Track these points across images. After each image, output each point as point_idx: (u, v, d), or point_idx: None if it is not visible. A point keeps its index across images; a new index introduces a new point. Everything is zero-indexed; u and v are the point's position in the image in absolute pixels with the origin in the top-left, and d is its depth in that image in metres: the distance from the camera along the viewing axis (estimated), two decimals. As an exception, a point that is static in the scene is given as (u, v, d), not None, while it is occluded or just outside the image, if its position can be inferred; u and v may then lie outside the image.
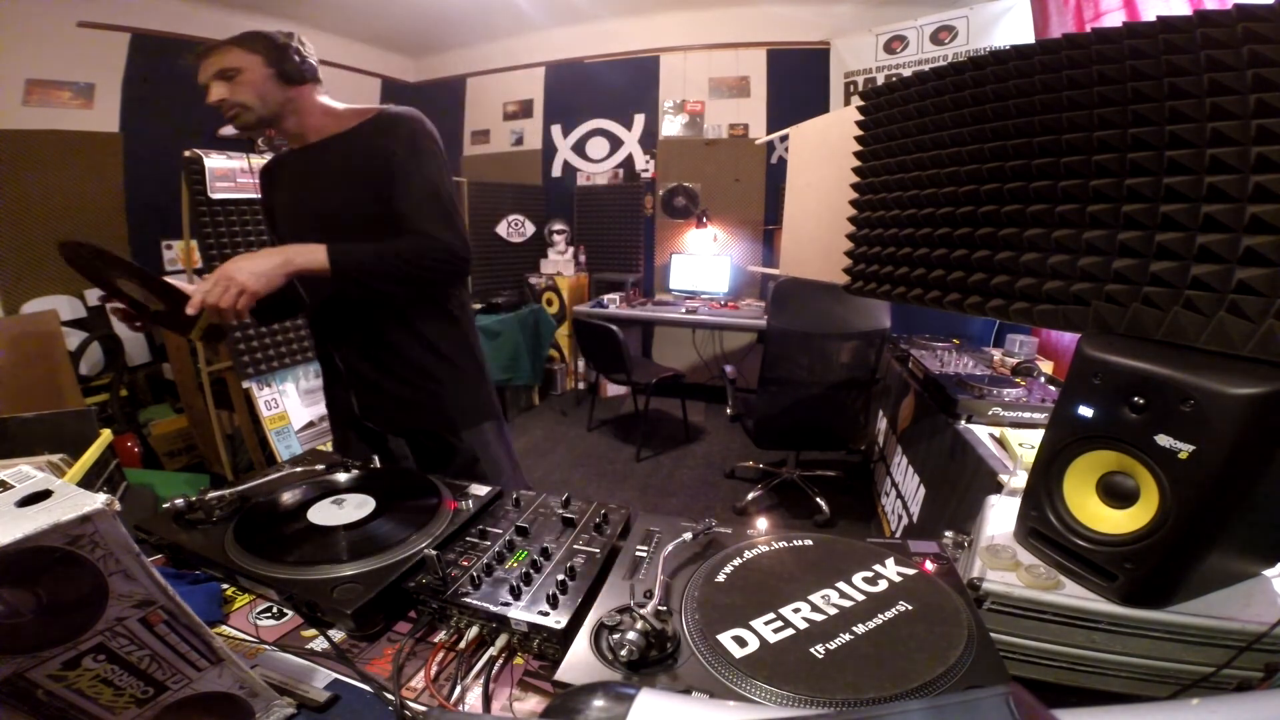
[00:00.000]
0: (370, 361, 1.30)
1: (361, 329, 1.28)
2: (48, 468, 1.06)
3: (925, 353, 2.23)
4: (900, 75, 1.41)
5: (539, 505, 0.92)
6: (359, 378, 1.33)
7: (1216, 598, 0.68)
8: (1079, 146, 0.86)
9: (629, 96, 4.68)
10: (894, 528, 2.17)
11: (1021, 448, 1.37)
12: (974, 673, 0.56)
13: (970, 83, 1.05)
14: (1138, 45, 0.78)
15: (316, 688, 0.62)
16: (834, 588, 0.69)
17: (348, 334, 1.31)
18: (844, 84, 3.91)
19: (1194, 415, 0.61)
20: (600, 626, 0.62)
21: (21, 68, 3.09)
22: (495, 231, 4.65)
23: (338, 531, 0.83)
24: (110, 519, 0.43)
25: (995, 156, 1.01)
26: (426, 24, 4.60)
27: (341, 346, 1.33)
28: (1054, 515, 0.75)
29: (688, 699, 0.47)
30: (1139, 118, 0.78)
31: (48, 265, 3.24)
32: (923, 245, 1.18)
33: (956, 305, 1.09)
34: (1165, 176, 0.75)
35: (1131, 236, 0.79)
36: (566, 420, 4.20)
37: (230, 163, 2.41)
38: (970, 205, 1.06)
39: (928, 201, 1.18)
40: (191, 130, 3.62)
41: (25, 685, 0.43)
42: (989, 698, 0.32)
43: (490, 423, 1.39)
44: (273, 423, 2.54)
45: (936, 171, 1.16)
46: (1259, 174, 0.66)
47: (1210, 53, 0.70)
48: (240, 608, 0.77)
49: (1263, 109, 0.66)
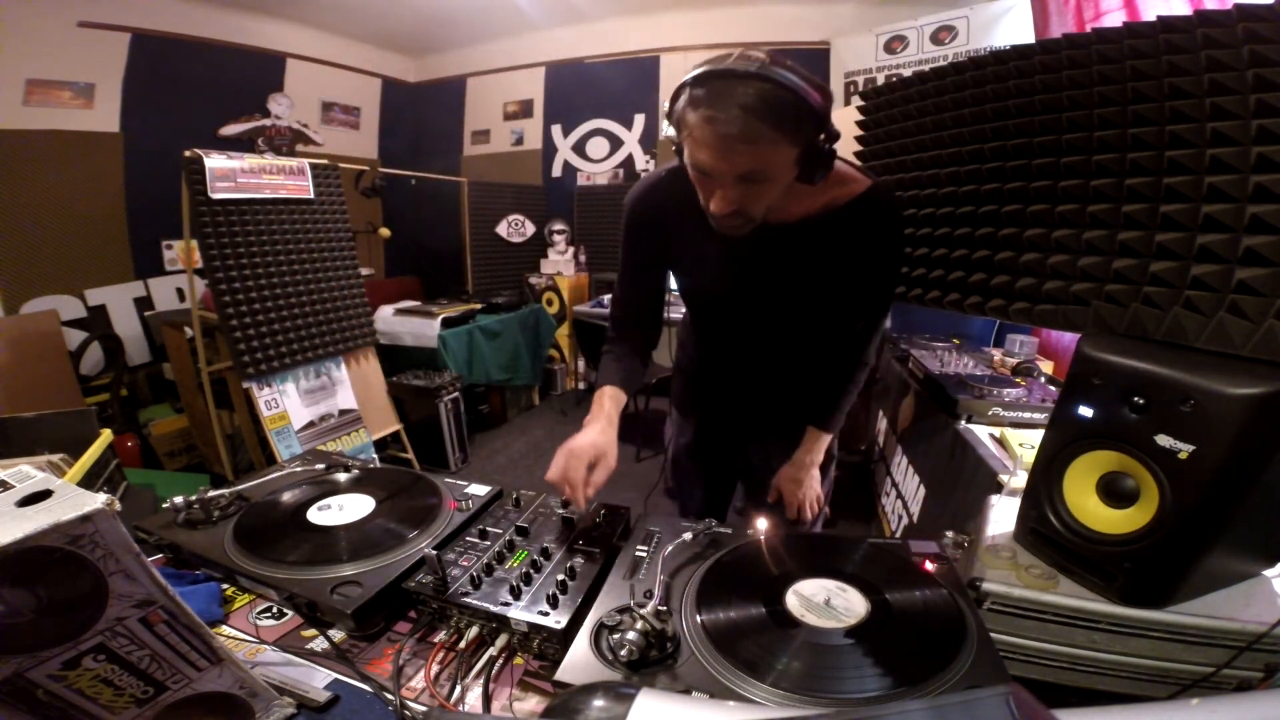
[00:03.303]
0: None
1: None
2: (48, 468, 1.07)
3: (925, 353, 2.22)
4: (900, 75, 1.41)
5: (539, 505, 0.92)
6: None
7: (1216, 598, 0.68)
8: (1079, 146, 0.86)
9: (629, 96, 4.68)
10: (894, 528, 2.17)
11: (1021, 448, 1.37)
12: (974, 673, 0.56)
13: (970, 83, 1.05)
14: (1138, 45, 0.78)
15: (316, 688, 0.62)
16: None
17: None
18: (844, 84, 3.91)
19: (1194, 415, 0.61)
20: (600, 626, 0.62)
21: (21, 68, 3.09)
22: (495, 231, 4.65)
23: (338, 531, 0.83)
24: (110, 519, 0.43)
25: (995, 156, 1.01)
26: (426, 24, 4.60)
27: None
28: (1054, 515, 0.75)
29: (688, 699, 0.48)
30: (1139, 118, 0.78)
31: (48, 265, 3.24)
32: (923, 245, 1.18)
33: (956, 305, 1.09)
34: (1165, 176, 0.75)
35: (1131, 236, 0.79)
36: (566, 420, 4.20)
37: (230, 163, 2.41)
38: (970, 205, 1.06)
39: (928, 201, 1.18)
40: (191, 130, 3.64)
41: (25, 685, 0.43)
42: (989, 698, 0.32)
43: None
44: (273, 423, 2.54)
45: (937, 171, 1.16)
46: (1259, 174, 0.66)
47: (1210, 53, 0.70)
48: (240, 608, 0.77)
49: (1263, 109, 0.66)
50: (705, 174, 0.80)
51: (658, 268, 1.09)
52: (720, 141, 0.74)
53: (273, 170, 2.59)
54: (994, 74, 1.00)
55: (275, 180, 2.59)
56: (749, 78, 0.71)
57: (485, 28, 4.73)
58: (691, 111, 0.75)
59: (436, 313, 3.49)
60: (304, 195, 2.72)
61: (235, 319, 2.43)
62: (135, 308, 3.64)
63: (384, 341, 3.32)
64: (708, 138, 0.74)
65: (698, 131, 0.75)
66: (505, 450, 3.66)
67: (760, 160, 0.76)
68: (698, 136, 0.76)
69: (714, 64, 0.74)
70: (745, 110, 0.71)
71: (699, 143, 0.76)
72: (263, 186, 2.54)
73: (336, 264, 2.88)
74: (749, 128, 0.72)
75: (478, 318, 3.71)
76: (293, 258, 2.67)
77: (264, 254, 2.55)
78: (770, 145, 0.75)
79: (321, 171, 2.81)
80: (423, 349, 3.41)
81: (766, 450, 1.28)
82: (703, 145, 0.76)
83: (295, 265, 2.68)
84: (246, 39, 4.06)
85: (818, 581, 0.70)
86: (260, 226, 2.54)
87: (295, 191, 2.68)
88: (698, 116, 0.74)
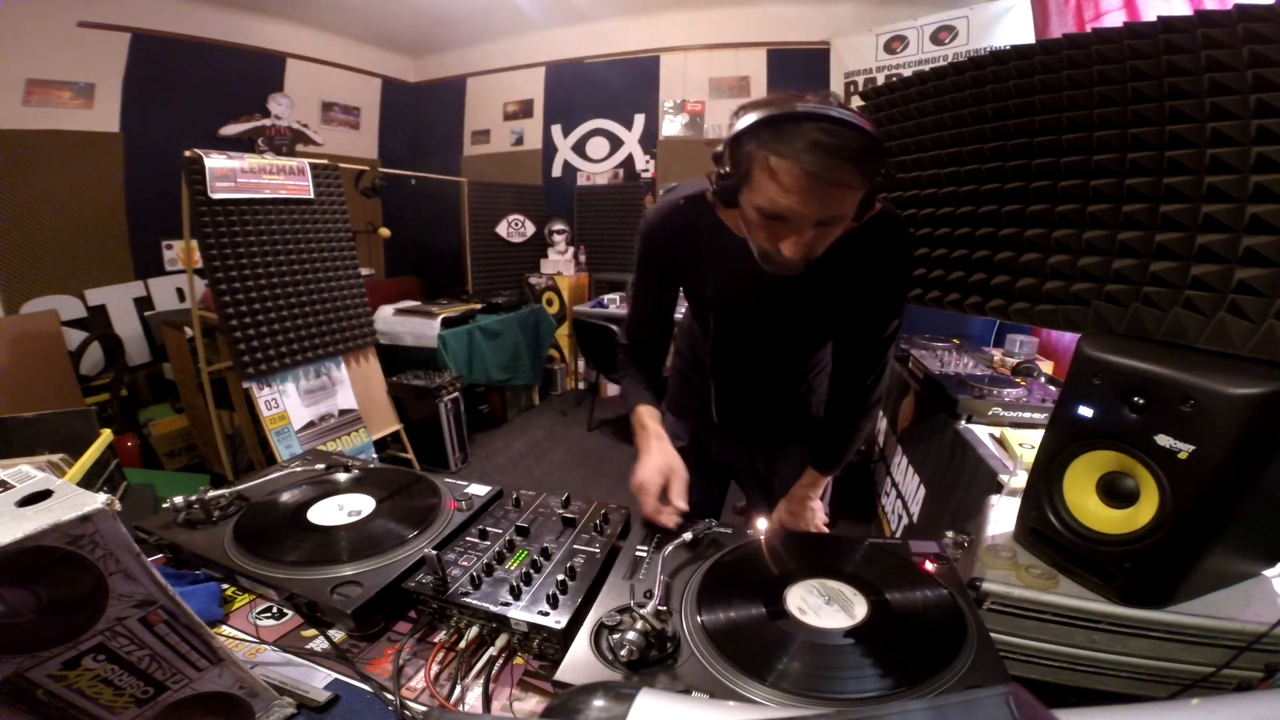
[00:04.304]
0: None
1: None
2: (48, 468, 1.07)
3: (925, 353, 2.22)
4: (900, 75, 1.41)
5: (539, 505, 0.92)
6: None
7: (1216, 598, 0.68)
8: (1079, 146, 0.86)
9: (629, 96, 4.68)
10: (894, 528, 2.17)
11: (1021, 448, 1.37)
12: (974, 673, 0.56)
13: (970, 83, 1.05)
14: (1138, 45, 0.78)
15: (316, 688, 0.62)
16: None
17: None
18: (844, 84, 3.91)
19: (1194, 415, 0.61)
20: (600, 626, 0.62)
21: (21, 68, 3.09)
22: (495, 231, 4.65)
23: (338, 531, 0.83)
24: (110, 519, 0.43)
25: (995, 156, 1.01)
26: (426, 24, 4.60)
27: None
28: (1054, 515, 0.75)
29: (688, 699, 0.47)
30: (1139, 118, 0.78)
31: (48, 265, 3.24)
32: (923, 245, 1.18)
33: (956, 305, 1.09)
34: (1165, 176, 0.75)
35: (1131, 236, 0.79)
36: (566, 420, 4.20)
37: (230, 163, 2.41)
38: (970, 205, 1.06)
39: (928, 201, 1.18)
40: (191, 130, 3.64)
41: (25, 685, 0.43)
42: (989, 698, 0.32)
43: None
44: (273, 423, 2.54)
45: (936, 171, 1.16)
46: (1259, 174, 0.66)
47: (1210, 53, 0.70)
48: (240, 608, 0.77)
49: (1263, 109, 0.66)
50: (780, 218, 0.76)
51: (672, 289, 1.12)
52: (814, 188, 0.71)
53: (273, 170, 2.59)
54: (994, 74, 1.00)
55: (275, 180, 2.60)
56: (844, 124, 0.70)
57: (485, 28, 4.73)
58: (776, 156, 0.72)
59: (436, 313, 3.49)
60: (304, 195, 2.72)
61: (235, 319, 2.43)
62: (135, 308, 3.64)
63: (384, 341, 3.32)
64: (798, 184, 0.71)
65: (785, 176, 0.72)
66: (505, 450, 3.66)
67: (844, 206, 0.76)
68: (785, 182, 0.72)
69: (792, 106, 0.71)
70: (845, 157, 0.70)
71: (785, 188, 0.72)
72: (263, 186, 2.54)
73: (336, 264, 2.88)
74: (847, 175, 0.71)
75: (478, 318, 3.71)
76: (293, 258, 2.67)
77: (264, 254, 2.55)
78: (855, 191, 0.75)
79: (321, 171, 2.81)
80: (423, 349, 3.42)
81: (770, 456, 1.28)
82: (790, 190, 0.72)
83: (295, 265, 2.68)
84: (246, 39, 4.07)
85: (818, 581, 0.70)
86: (260, 226, 2.54)
87: (295, 191, 2.68)
88: (787, 162, 0.71)
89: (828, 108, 0.71)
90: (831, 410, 1.14)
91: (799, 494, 1.17)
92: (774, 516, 1.21)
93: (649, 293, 1.13)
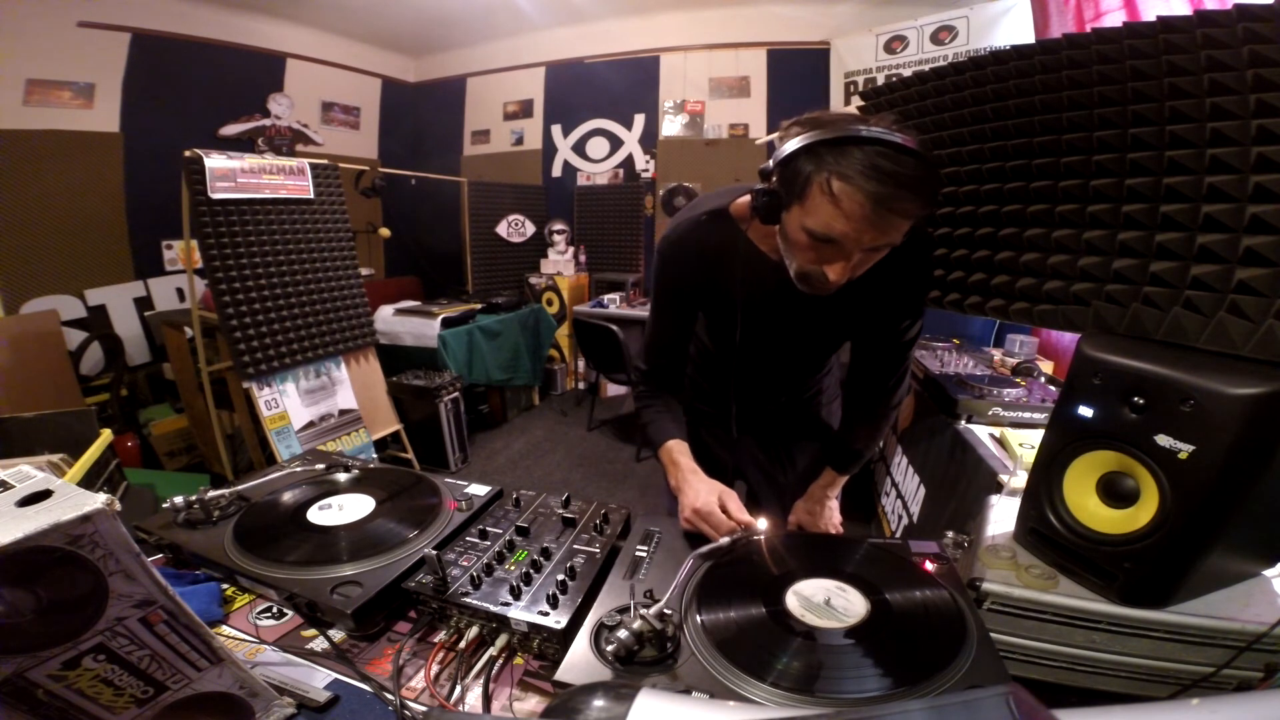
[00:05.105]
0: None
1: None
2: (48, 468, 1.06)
3: (925, 353, 2.22)
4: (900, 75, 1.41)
5: (539, 505, 0.92)
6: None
7: (1216, 598, 0.68)
8: (1079, 146, 0.86)
9: (629, 96, 4.68)
10: (894, 528, 2.17)
11: (1021, 448, 1.37)
12: (974, 673, 0.56)
13: (970, 83, 1.05)
14: (1138, 45, 0.78)
15: (316, 688, 0.62)
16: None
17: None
18: (844, 84, 3.91)
19: (1194, 415, 0.61)
20: (600, 626, 0.62)
21: (21, 68, 3.09)
22: (495, 231, 4.65)
23: (338, 531, 0.83)
24: (110, 519, 0.43)
25: (995, 156, 1.01)
26: (426, 24, 4.60)
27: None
28: (1054, 515, 0.75)
29: (688, 699, 0.47)
30: (1139, 118, 0.78)
31: (48, 265, 3.24)
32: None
33: (957, 305, 1.09)
34: (1165, 176, 0.75)
35: (1131, 236, 0.79)
36: (566, 420, 4.20)
37: (230, 163, 2.41)
38: (970, 205, 1.06)
39: (928, 201, 1.18)
40: (191, 130, 3.64)
41: (25, 685, 0.43)
42: (989, 698, 0.32)
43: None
44: (273, 423, 2.54)
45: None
46: (1259, 174, 0.66)
47: (1210, 53, 0.70)
48: (240, 608, 0.77)
49: (1263, 109, 0.66)
50: (831, 241, 0.74)
51: (692, 308, 1.08)
52: (875, 215, 0.70)
53: (273, 170, 2.59)
54: (994, 74, 1.00)
55: (275, 180, 2.60)
56: (908, 152, 0.69)
57: (485, 28, 4.73)
58: (839, 180, 0.69)
59: (436, 313, 3.49)
60: (304, 195, 2.72)
61: (235, 319, 2.43)
62: (135, 308, 3.64)
63: (384, 341, 3.32)
64: (860, 210, 0.69)
65: (847, 202, 0.69)
66: (505, 450, 3.66)
67: (899, 233, 0.74)
68: (846, 207, 0.70)
69: (854, 128, 0.69)
70: (909, 186, 0.69)
71: (846, 213, 0.70)
72: (263, 186, 2.54)
73: (336, 264, 2.88)
74: (910, 204, 0.70)
75: (478, 318, 3.71)
76: (293, 258, 2.67)
77: (264, 254, 2.56)
78: (911, 220, 0.73)
79: (321, 171, 2.81)
80: (423, 349, 3.42)
81: (778, 456, 1.28)
82: (851, 217, 0.70)
83: (295, 265, 2.68)
84: (246, 39, 4.06)
85: (818, 581, 0.70)
86: (260, 226, 2.54)
87: (295, 191, 2.68)
88: (850, 187, 0.69)
89: (892, 133, 0.69)
90: (852, 411, 1.13)
91: (817, 493, 1.17)
92: (792, 516, 1.20)
93: (671, 315, 1.07)
